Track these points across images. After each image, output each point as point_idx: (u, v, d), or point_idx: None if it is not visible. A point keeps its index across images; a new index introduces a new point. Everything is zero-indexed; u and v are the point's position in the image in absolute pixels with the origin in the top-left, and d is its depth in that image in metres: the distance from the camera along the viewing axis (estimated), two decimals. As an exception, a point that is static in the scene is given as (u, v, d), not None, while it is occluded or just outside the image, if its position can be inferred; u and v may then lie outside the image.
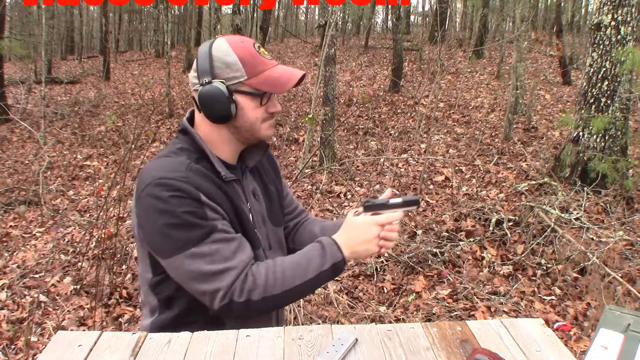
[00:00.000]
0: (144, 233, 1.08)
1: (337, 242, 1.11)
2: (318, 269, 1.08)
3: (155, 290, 1.16)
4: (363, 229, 1.10)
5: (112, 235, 3.51)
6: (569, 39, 14.42)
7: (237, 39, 1.13)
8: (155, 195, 1.03)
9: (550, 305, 3.20)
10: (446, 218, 4.49)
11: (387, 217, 1.10)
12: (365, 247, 1.11)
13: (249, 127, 1.13)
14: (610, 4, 4.70)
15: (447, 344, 1.02)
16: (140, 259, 1.17)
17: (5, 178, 6.42)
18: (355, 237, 1.11)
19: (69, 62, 20.76)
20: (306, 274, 1.08)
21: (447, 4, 15.47)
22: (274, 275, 1.06)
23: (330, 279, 1.12)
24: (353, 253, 1.11)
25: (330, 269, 1.09)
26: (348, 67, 14.43)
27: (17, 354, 2.75)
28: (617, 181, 4.62)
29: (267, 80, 1.10)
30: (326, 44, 5.90)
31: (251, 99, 1.11)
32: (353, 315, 3.06)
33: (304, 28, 31.05)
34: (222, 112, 1.09)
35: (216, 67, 1.09)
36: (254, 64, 1.10)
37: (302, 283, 1.07)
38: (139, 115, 8.65)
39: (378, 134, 7.98)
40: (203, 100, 1.08)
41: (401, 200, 1.11)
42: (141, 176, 1.09)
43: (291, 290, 1.07)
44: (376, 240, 1.10)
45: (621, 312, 0.95)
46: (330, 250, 1.10)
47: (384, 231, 1.11)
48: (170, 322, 1.15)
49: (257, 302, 1.05)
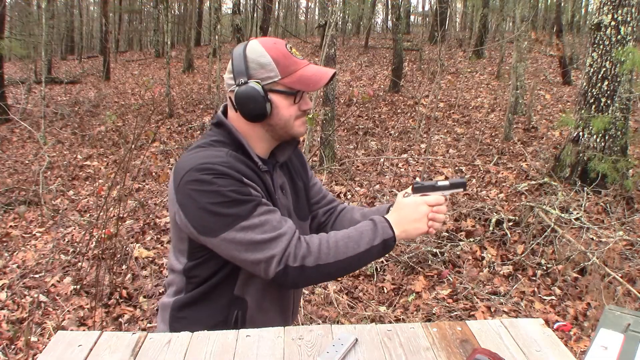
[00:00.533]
0: (189, 217, 1.09)
1: (389, 220, 1.15)
2: (369, 243, 1.12)
3: (188, 274, 1.19)
4: (413, 209, 1.15)
5: (112, 235, 3.51)
6: (569, 39, 14.42)
7: (270, 40, 1.18)
8: (199, 179, 1.07)
9: (550, 305, 3.20)
10: (446, 218, 4.49)
11: (435, 198, 1.16)
12: (415, 226, 1.15)
13: (283, 125, 1.18)
14: (610, 4, 4.70)
15: (447, 344, 1.02)
16: (175, 247, 1.21)
17: (5, 178, 6.42)
18: (406, 217, 1.15)
19: (69, 62, 20.77)
20: (358, 247, 1.11)
21: (447, 4, 15.46)
22: (327, 245, 1.10)
23: (380, 256, 1.16)
24: (403, 232, 1.15)
25: (381, 245, 1.12)
26: (348, 67, 14.43)
27: (17, 354, 2.75)
28: (617, 181, 4.62)
29: (301, 79, 1.15)
30: (326, 43, 5.90)
31: (285, 98, 1.16)
32: (353, 315, 3.06)
33: (304, 28, 31.05)
34: (259, 111, 1.13)
35: (251, 68, 1.13)
36: (287, 64, 1.14)
37: (353, 255, 1.10)
38: (139, 115, 8.64)
39: (378, 134, 7.98)
40: (240, 99, 1.13)
41: (449, 183, 1.17)
42: (178, 167, 1.12)
43: (342, 262, 1.10)
44: (425, 220, 1.15)
45: (621, 312, 0.95)
46: (381, 226, 1.14)
47: (432, 212, 1.15)
48: (192, 301, 1.19)
49: (311, 268, 1.08)
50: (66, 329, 2.89)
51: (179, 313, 1.21)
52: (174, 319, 1.21)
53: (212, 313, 1.18)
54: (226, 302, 1.17)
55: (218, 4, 9.15)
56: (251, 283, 1.19)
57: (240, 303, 1.18)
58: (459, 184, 1.17)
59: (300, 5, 33.95)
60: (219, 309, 1.18)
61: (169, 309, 1.22)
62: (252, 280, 1.18)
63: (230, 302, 1.18)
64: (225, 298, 1.18)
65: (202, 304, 1.19)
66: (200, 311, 1.19)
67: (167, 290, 1.26)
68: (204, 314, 1.19)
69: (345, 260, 1.10)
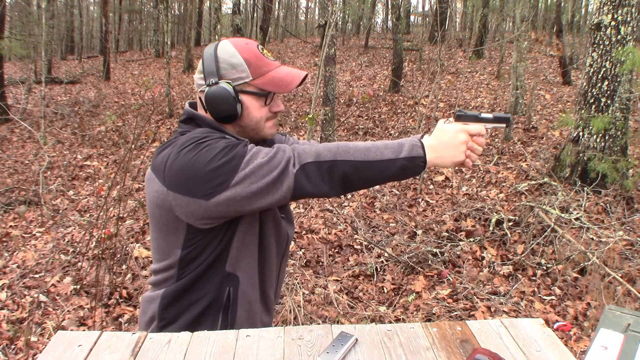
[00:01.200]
0: (193, 191, 1.06)
1: (422, 142, 1.10)
2: (395, 155, 1.07)
3: (182, 264, 1.16)
4: (452, 135, 1.11)
5: (112, 235, 3.51)
6: (569, 39, 14.41)
7: (242, 41, 1.17)
8: (183, 152, 1.06)
9: (550, 305, 3.20)
10: (446, 218, 4.49)
11: (477, 127, 1.12)
12: (452, 153, 1.10)
13: (253, 126, 1.17)
14: (610, 4, 4.70)
15: (447, 344, 1.02)
16: (162, 248, 1.18)
17: (5, 178, 6.42)
18: (444, 142, 1.10)
19: (69, 62, 20.77)
20: (381, 155, 1.07)
21: (447, 4, 15.46)
22: (346, 146, 1.07)
23: (405, 175, 1.10)
24: (438, 157, 1.10)
25: (407, 160, 1.07)
26: (348, 67, 14.43)
27: (17, 354, 2.75)
28: (617, 181, 4.62)
29: (272, 81, 1.14)
30: (326, 43, 5.90)
31: (256, 99, 1.15)
32: (353, 315, 3.06)
33: (304, 28, 31.06)
34: (229, 112, 1.12)
35: (222, 68, 1.13)
36: (259, 65, 1.14)
37: (374, 160, 1.06)
38: (139, 115, 8.65)
39: (378, 134, 7.98)
40: (210, 100, 1.12)
41: (492, 116, 1.13)
42: (155, 165, 1.12)
43: (361, 163, 1.06)
44: (463, 147, 1.11)
45: (621, 312, 0.95)
46: (411, 143, 1.09)
47: (471, 141, 1.11)
48: (184, 287, 1.17)
49: (328, 163, 1.05)
50: (66, 329, 2.89)
51: (170, 302, 1.18)
52: (164, 308, 1.19)
53: (204, 294, 1.17)
54: (218, 281, 1.16)
55: (218, 4, 9.15)
56: (242, 257, 1.17)
57: (232, 279, 1.17)
58: (503, 119, 1.13)
59: (300, 5, 33.99)
60: (211, 289, 1.17)
61: (158, 300, 1.19)
62: (242, 254, 1.17)
63: (222, 279, 1.16)
64: (217, 276, 1.16)
65: (194, 288, 1.17)
66: (192, 295, 1.17)
67: (155, 281, 1.23)
68: (195, 297, 1.17)
69: (365, 163, 1.06)
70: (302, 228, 4.42)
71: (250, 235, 1.18)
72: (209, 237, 1.13)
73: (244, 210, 1.09)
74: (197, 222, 1.10)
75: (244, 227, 1.16)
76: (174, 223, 1.12)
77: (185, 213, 1.09)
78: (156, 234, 1.19)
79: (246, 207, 1.07)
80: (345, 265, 3.81)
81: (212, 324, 1.18)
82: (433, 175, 5.81)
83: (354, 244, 4.16)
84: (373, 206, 5.02)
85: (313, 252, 3.99)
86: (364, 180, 1.09)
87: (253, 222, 1.18)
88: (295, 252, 3.95)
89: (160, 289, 1.20)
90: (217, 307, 1.18)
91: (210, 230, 1.12)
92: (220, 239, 1.13)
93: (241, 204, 1.06)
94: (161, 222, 1.14)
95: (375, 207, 5.00)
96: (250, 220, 1.17)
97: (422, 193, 5.29)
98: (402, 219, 4.56)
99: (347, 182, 1.08)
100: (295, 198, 1.08)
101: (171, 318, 1.19)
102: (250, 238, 1.18)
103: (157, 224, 1.16)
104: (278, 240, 1.25)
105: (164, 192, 1.09)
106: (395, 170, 1.08)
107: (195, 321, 1.18)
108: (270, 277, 1.27)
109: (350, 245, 4.15)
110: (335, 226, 4.51)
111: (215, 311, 1.18)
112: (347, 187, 1.10)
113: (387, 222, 4.60)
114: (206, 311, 1.18)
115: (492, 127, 1.14)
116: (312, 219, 4.66)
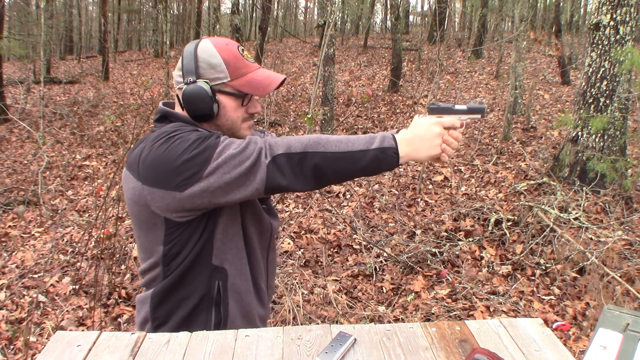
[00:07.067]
0: (165, 183, 1.06)
1: (394, 135, 1.10)
2: (365, 146, 1.07)
3: (165, 260, 1.17)
4: (426, 127, 1.11)
5: (111, 235, 3.50)
6: (568, 39, 14.42)
7: (223, 41, 1.18)
8: (156, 146, 1.07)
9: (549, 305, 3.20)
10: (445, 218, 4.50)
11: (450, 120, 1.12)
12: (426, 145, 1.10)
13: (229, 126, 1.18)
14: (609, 3, 4.71)
15: (446, 343, 1.02)
16: (145, 246, 1.18)
17: (4, 178, 6.41)
18: (418, 135, 1.10)
19: (67, 62, 20.73)
20: (352, 146, 1.07)
21: (446, 4, 15.45)
22: (318, 138, 1.08)
23: (377, 168, 1.09)
24: (414, 150, 1.10)
25: (378, 151, 1.07)
26: (347, 67, 14.43)
27: (16, 354, 2.74)
28: (616, 181, 4.62)
29: (250, 83, 1.15)
30: (325, 43, 5.90)
31: (233, 100, 1.16)
32: (352, 315, 3.07)
33: (303, 28, 31.04)
34: (205, 111, 1.13)
35: (201, 67, 1.14)
36: (238, 67, 1.15)
37: (345, 152, 1.06)
38: (138, 115, 8.63)
39: (377, 134, 7.97)
40: (187, 98, 1.13)
41: (466, 107, 1.12)
42: (129, 163, 1.12)
43: (333, 155, 1.06)
44: (438, 140, 1.11)
45: (620, 312, 0.95)
46: (382, 136, 1.09)
47: (447, 135, 1.11)
48: (173, 284, 1.17)
49: (299, 155, 1.05)
50: (65, 329, 2.89)
51: (159, 301, 1.19)
52: (155, 307, 1.19)
53: (193, 290, 1.17)
54: (206, 275, 1.16)
55: (217, 4, 9.15)
56: (227, 250, 1.18)
57: (220, 272, 1.17)
58: (477, 110, 1.12)
59: (300, 5, 33.95)
60: (200, 284, 1.17)
61: (148, 300, 1.20)
62: (227, 247, 1.17)
63: (210, 274, 1.17)
64: (204, 271, 1.17)
65: (182, 284, 1.17)
66: (181, 292, 1.18)
67: (144, 289, 1.24)
68: (185, 294, 1.17)
69: (336, 154, 1.06)
70: (301, 228, 4.42)
71: (233, 227, 1.18)
72: (189, 231, 1.13)
73: (219, 202, 1.09)
74: (173, 215, 1.10)
75: (225, 219, 1.16)
76: (152, 219, 1.12)
77: (161, 207, 1.09)
78: (138, 233, 1.19)
79: (221, 198, 1.07)
80: (344, 265, 3.81)
81: (206, 320, 1.18)
82: (432, 175, 5.82)
83: (353, 244, 4.16)
84: (372, 206, 5.02)
85: (312, 252, 3.99)
86: (337, 172, 1.09)
87: (235, 215, 1.18)
88: (294, 252, 3.96)
89: (150, 289, 1.21)
90: (209, 302, 1.18)
91: (189, 224, 1.12)
92: (201, 232, 1.13)
93: (215, 195, 1.06)
94: (140, 219, 1.15)
95: (374, 207, 5.00)
96: (231, 212, 1.17)
97: (421, 193, 5.29)
98: (401, 218, 4.57)
99: (319, 174, 1.07)
100: (269, 191, 1.07)
101: (163, 318, 1.19)
102: (234, 230, 1.18)
103: (137, 221, 1.17)
104: (261, 231, 1.25)
105: (139, 188, 1.10)
106: (368, 161, 1.07)
107: (188, 319, 1.18)
108: (258, 268, 1.27)
109: (349, 245, 4.16)
110: (334, 226, 4.51)
111: (207, 306, 1.18)
112: (320, 179, 1.09)
113: (386, 222, 4.60)
114: (198, 307, 1.18)
115: (467, 119, 1.13)
116: (311, 218, 4.66)
